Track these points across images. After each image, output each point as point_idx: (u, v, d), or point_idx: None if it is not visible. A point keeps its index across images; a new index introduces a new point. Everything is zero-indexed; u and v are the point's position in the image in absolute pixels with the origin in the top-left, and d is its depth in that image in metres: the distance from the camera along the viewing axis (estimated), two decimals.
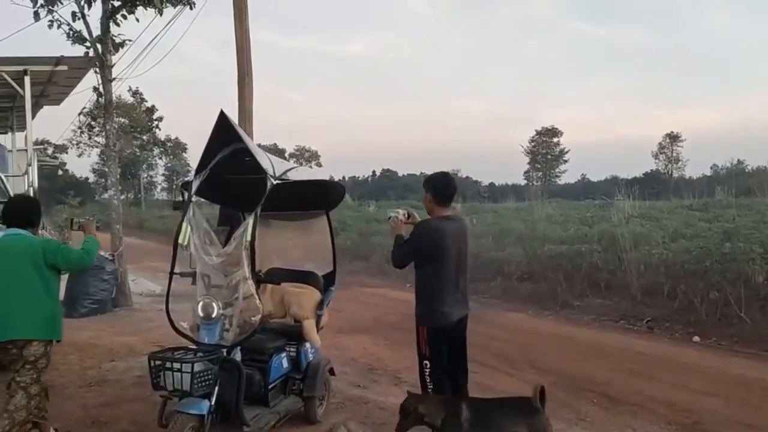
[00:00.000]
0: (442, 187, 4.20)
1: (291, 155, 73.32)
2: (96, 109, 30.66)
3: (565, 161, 72.94)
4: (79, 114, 28.12)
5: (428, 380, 4.04)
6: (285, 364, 4.62)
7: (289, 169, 4.37)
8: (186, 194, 4.22)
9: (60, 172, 44.47)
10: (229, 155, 4.25)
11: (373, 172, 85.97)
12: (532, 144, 72.39)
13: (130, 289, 10.87)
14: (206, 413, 3.75)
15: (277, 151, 72.77)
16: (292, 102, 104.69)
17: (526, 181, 72.76)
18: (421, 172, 75.49)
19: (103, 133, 11.86)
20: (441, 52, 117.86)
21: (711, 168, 61.85)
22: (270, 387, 4.40)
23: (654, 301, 9.61)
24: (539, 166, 72.30)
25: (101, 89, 10.73)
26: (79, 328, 8.28)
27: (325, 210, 5.27)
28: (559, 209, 22.24)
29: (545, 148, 72.13)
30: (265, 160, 4.20)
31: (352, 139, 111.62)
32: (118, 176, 11.88)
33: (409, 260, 4.13)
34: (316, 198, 5.11)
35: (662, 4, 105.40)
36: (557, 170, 73.29)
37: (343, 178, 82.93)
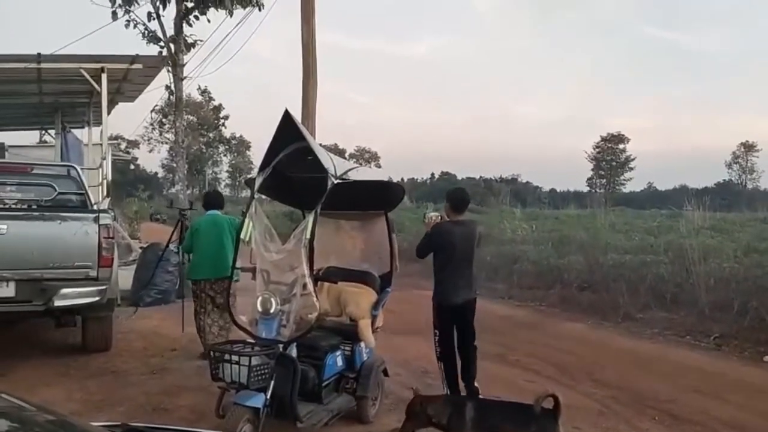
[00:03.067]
0: (455, 200, 5.43)
1: (351, 155, 74.03)
2: (167, 106, 31.87)
3: (631, 169, 70.62)
4: (151, 111, 29.29)
5: (437, 345, 5.34)
6: (339, 362, 4.65)
7: (350, 169, 4.41)
8: (250, 190, 4.31)
9: (131, 167, 46.36)
10: (292, 154, 4.32)
11: (432, 174, 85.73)
12: (597, 150, 70.48)
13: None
14: (261, 407, 3.82)
15: (337, 151, 73.61)
16: (354, 102, 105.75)
17: (588, 188, 70.96)
18: (481, 176, 74.80)
19: (173, 130, 12.32)
20: (505, 55, 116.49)
21: None
22: (324, 384, 4.44)
23: (723, 317, 9.15)
24: (603, 173, 70.28)
25: (173, 87, 11.12)
26: (145, 316, 8.61)
27: (384, 211, 5.28)
28: (622, 217, 21.62)
29: (610, 155, 70.06)
30: (327, 159, 4.25)
31: (412, 140, 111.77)
32: (186, 172, 12.28)
33: (426, 252, 5.30)
34: (375, 198, 5.12)
35: (738, 6, 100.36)
36: (622, 178, 71.05)
37: (402, 179, 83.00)
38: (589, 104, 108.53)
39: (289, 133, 4.25)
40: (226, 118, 54.10)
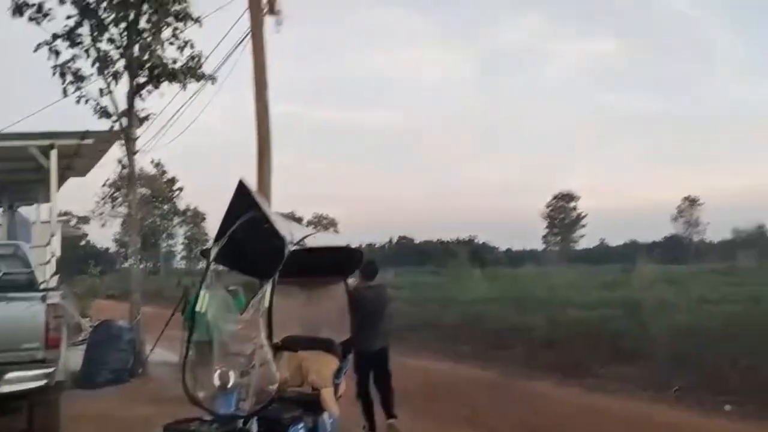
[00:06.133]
0: (366, 271, 6.62)
1: (309, 222, 73.96)
2: (119, 180, 31.47)
3: (583, 226, 72.66)
4: (103, 185, 28.82)
5: (356, 386, 6.61)
6: None
7: (307, 235, 4.39)
8: (205, 261, 4.24)
9: (82, 243, 45.11)
10: (247, 222, 4.29)
11: (390, 239, 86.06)
12: (549, 209, 72.43)
13: (148, 358, 10.80)
14: None
15: (295, 219, 73.62)
16: (310, 171, 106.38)
17: (544, 246, 72.37)
18: (438, 239, 75.63)
19: (126, 204, 12.13)
20: (455, 122, 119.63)
21: (732, 231, 61.03)
22: None
23: (682, 368, 9.29)
24: (557, 230, 72.05)
25: (125, 161, 11.04)
26: (96, 399, 8.20)
27: (343, 276, 5.24)
28: (577, 274, 22.06)
29: (562, 213, 72.06)
30: (283, 226, 4.23)
31: (369, 207, 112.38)
32: (139, 246, 12.02)
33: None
34: (333, 264, 5.10)
35: (681, 72, 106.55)
36: (575, 235, 72.92)
37: (360, 245, 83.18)
38: (539, 166, 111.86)
39: (243, 202, 4.23)
40: (181, 189, 53.71)
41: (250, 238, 4.41)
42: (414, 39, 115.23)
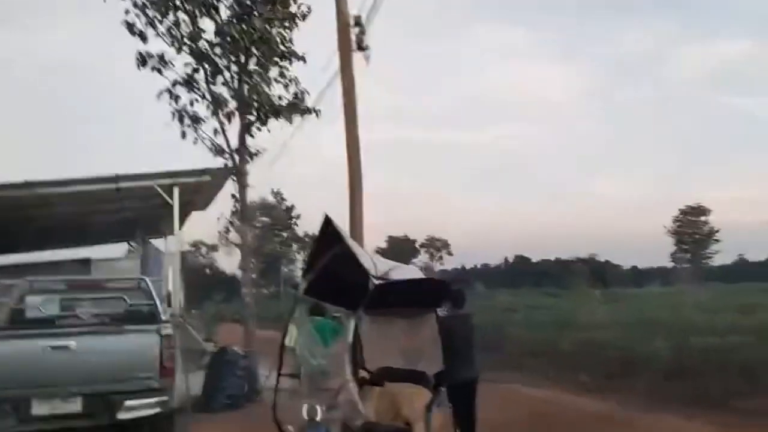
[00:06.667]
0: (453, 299, 6.35)
1: (422, 245, 74.22)
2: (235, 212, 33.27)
3: (717, 241, 66.83)
4: (218, 218, 30.32)
5: (452, 416, 6.02)
6: None
7: (391, 269, 4.37)
8: (294, 296, 4.35)
9: (208, 270, 48.12)
10: (334, 257, 4.35)
11: (505, 258, 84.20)
12: (677, 224, 67.47)
13: (263, 384, 11.20)
14: None
15: (407, 241, 74.17)
16: (422, 193, 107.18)
17: (673, 263, 67.45)
18: (556, 257, 72.97)
19: (240, 234, 12.80)
20: (577, 136, 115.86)
21: None
22: None
23: None
24: (686, 247, 66.86)
25: (238, 195, 11.68)
26: (212, 423, 8.61)
27: (432, 307, 5.16)
28: (710, 294, 20.31)
29: (692, 227, 66.82)
30: (367, 260, 4.25)
31: (483, 227, 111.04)
32: (253, 274, 12.60)
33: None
34: (421, 296, 5.03)
35: None
36: (708, 251, 67.22)
37: (475, 266, 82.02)
38: (666, 179, 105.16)
39: (330, 236, 4.31)
40: (298, 217, 56.02)
41: (337, 272, 4.48)
42: (529, 54, 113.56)
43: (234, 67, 11.77)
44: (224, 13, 11.66)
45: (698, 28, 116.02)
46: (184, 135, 11.40)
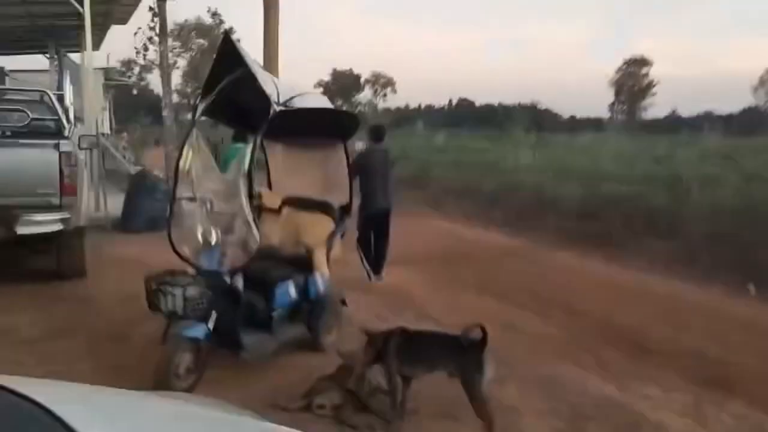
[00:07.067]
0: (373, 134, 7.19)
1: (366, 81, 72.66)
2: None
3: (653, 94, 68.35)
4: (135, 33, 27.70)
5: (357, 238, 7.01)
6: (291, 292, 4.59)
7: (295, 96, 4.20)
8: (191, 118, 4.17)
9: (135, 92, 45.78)
10: (235, 79, 4.13)
11: (450, 101, 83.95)
12: (619, 74, 68.12)
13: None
14: (202, 337, 3.82)
15: (351, 76, 72.17)
16: (373, 27, 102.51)
17: (610, 114, 69.13)
18: (499, 102, 73.15)
19: (159, 53, 11.93)
20: None
21: None
22: (273, 314, 4.42)
23: (714, 248, 8.98)
24: (624, 98, 68.21)
25: (156, 9, 10.77)
26: (130, 243, 8.68)
27: (341, 140, 5.10)
28: (635, 145, 21.11)
29: (632, 79, 67.70)
30: (270, 85, 4.06)
31: (429, 67, 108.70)
32: (171, 98, 12.03)
33: (355, 174, 5.80)
34: (330, 127, 4.94)
35: None
36: (644, 103, 68.91)
37: (419, 106, 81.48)
38: (611, 26, 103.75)
39: (230, 57, 4.05)
40: (239, 40, 52.84)
41: (238, 94, 4.28)
42: None
43: None
44: None
45: None
46: None
